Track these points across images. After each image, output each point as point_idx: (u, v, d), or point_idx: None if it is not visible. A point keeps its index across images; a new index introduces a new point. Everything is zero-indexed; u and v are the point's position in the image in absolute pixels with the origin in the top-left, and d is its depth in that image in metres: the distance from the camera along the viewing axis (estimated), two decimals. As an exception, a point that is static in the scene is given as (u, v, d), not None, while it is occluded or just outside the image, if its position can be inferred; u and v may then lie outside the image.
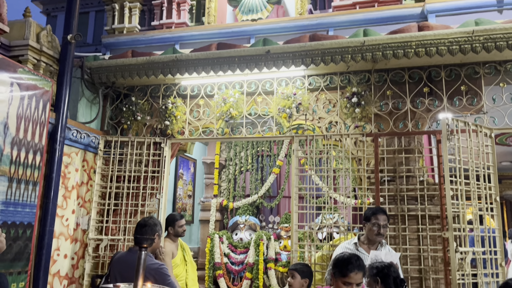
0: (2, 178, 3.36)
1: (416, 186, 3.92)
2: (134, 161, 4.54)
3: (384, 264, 2.73)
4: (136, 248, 2.92)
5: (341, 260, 2.51)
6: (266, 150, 7.29)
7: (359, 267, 2.46)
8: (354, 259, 2.48)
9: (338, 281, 2.49)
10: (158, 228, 3.05)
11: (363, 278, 2.51)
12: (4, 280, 2.63)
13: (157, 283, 2.74)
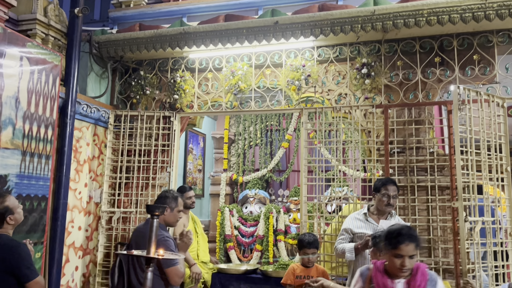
0: (15, 152, 3.41)
1: (426, 157, 3.91)
2: (144, 135, 4.57)
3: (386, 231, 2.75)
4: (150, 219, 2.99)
5: (391, 231, 2.35)
6: (275, 124, 7.29)
7: (410, 238, 2.27)
8: (405, 230, 2.31)
9: (389, 254, 2.33)
10: (169, 201, 3.03)
11: (416, 249, 2.30)
12: (26, 249, 2.71)
13: None
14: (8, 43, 3.34)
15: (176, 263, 2.80)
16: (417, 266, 2.31)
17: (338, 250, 3.42)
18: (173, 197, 3.07)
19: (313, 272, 3.43)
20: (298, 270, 3.45)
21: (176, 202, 3.07)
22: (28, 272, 2.60)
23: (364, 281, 2.40)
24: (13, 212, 2.74)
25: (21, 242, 2.75)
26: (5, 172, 3.32)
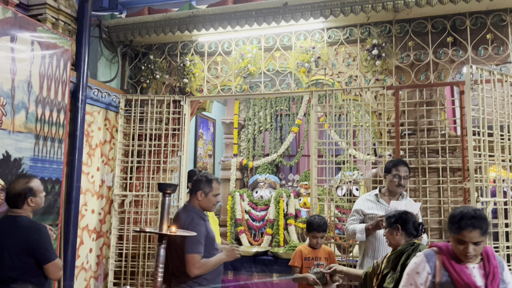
0: (29, 135, 3.46)
1: (437, 139, 3.88)
2: (155, 119, 4.60)
3: (400, 211, 2.76)
4: (187, 203, 3.01)
5: (454, 214, 2.14)
6: (285, 109, 7.27)
7: (474, 224, 2.04)
8: (469, 214, 2.07)
9: (452, 238, 2.14)
10: (203, 185, 2.93)
11: (482, 236, 2.06)
12: (46, 231, 2.76)
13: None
14: (19, 27, 3.36)
15: (197, 252, 2.74)
16: (486, 250, 2.14)
17: (349, 231, 3.42)
18: (207, 181, 2.97)
19: (320, 253, 3.45)
20: (306, 252, 3.46)
21: (210, 186, 2.96)
22: (47, 253, 2.66)
23: (433, 267, 2.13)
24: (35, 195, 2.78)
25: (41, 225, 2.81)
26: (20, 155, 3.37)
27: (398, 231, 2.67)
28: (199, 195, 2.95)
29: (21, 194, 2.72)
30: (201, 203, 2.97)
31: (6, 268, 2.59)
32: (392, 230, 2.72)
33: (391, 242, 2.73)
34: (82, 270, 4.13)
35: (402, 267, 2.55)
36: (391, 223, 2.74)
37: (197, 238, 2.77)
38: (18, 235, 2.62)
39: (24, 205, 2.72)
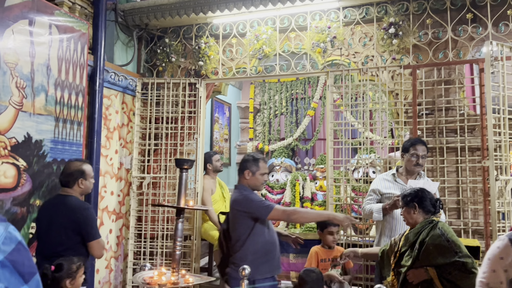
0: (49, 118, 3.53)
1: (456, 118, 3.82)
2: (171, 102, 4.63)
3: (415, 189, 2.72)
4: (237, 184, 3.04)
5: None
6: (301, 92, 7.25)
7: None
8: None
9: None
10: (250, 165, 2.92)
11: None
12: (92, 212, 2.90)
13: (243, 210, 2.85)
14: (37, 11, 3.41)
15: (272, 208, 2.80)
16: None
17: (365, 210, 3.41)
18: (254, 160, 2.97)
19: (336, 254, 3.33)
20: (321, 253, 3.33)
21: (257, 165, 2.96)
22: (92, 231, 2.80)
23: None
24: (86, 178, 2.94)
25: (88, 204, 3.00)
26: (41, 137, 3.45)
27: (415, 209, 2.64)
28: (246, 174, 2.96)
29: (73, 174, 2.90)
30: (249, 182, 2.97)
31: (52, 243, 2.74)
32: (409, 209, 2.68)
33: (408, 221, 2.70)
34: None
35: (420, 245, 2.54)
36: (407, 201, 2.70)
37: (257, 198, 2.85)
38: (66, 213, 2.77)
39: (74, 185, 2.89)
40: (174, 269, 1.96)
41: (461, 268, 2.38)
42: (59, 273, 2.44)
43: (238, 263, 2.81)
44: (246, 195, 2.90)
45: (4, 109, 3.13)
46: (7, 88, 3.15)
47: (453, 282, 2.42)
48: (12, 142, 3.20)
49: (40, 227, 2.88)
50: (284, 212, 2.89)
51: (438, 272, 2.42)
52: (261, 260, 2.87)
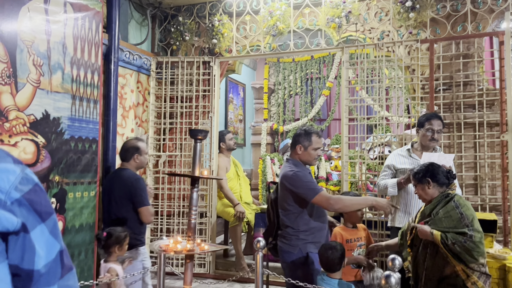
0: (66, 96, 3.58)
1: (474, 93, 3.75)
2: (185, 81, 4.65)
3: (425, 164, 2.68)
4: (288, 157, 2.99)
5: None
6: (316, 72, 7.18)
7: None
8: None
9: None
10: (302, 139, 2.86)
11: None
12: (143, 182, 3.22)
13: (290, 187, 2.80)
14: (52, -11, 3.43)
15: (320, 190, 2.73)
16: None
17: (380, 186, 3.40)
18: (306, 134, 2.88)
19: (360, 232, 3.12)
20: (346, 234, 3.04)
21: (309, 139, 2.87)
22: (141, 199, 3.10)
23: None
24: (141, 154, 3.26)
25: (139, 176, 3.27)
26: (58, 115, 3.50)
27: (429, 184, 2.60)
28: (298, 149, 2.88)
29: (129, 150, 3.27)
30: (301, 157, 2.89)
31: (112, 212, 3.16)
32: (422, 185, 2.63)
33: (424, 198, 2.65)
34: (120, 226, 4.32)
35: (433, 216, 2.52)
36: (420, 178, 2.64)
37: (307, 180, 2.76)
38: (122, 183, 3.14)
39: (130, 160, 3.26)
40: (189, 237, 1.99)
41: (467, 240, 2.34)
42: (109, 240, 2.86)
43: (289, 238, 2.81)
44: (296, 172, 2.79)
45: (22, 86, 3.18)
46: (25, 66, 3.19)
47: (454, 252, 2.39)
48: (31, 119, 3.25)
49: (103, 198, 3.33)
50: (328, 200, 2.75)
51: (442, 238, 2.39)
52: (311, 238, 2.81)
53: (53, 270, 0.68)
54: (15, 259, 0.65)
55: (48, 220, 0.69)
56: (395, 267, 2.21)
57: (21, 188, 0.67)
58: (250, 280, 4.18)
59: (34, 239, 0.66)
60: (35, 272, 0.66)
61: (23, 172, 0.69)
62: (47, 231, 0.69)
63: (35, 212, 0.68)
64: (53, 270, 0.68)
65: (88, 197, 3.78)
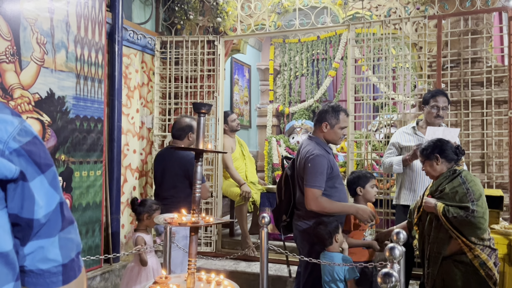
0: (70, 74, 3.58)
1: (482, 70, 3.69)
2: (190, 61, 4.62)
3: (433, 141, 2.65)
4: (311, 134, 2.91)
5: None
6: (322, 52, 7.11)
7: None
8: None
9: None
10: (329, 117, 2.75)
11: None
12: None
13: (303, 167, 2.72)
14: (54, -34, 3.40)
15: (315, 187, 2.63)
16: None
17: (385, 164, 3.38)
18: (334, 112, 2.76)
19: None
20: None
21: (337, 117, 2.75)
22: None
23: None
24: (194, 132, 3.32)
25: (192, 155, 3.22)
26: (63, 94, 3.51)
27: (437, 160, 2.57)
28: (324, 126, 2.75)
29: (184, 129, 3.31)
30: (326, 135, 2.77)
31: (166, 187, 3.24)
32: (431, 161, 2.59)
33: (432, 174, 2.61)
34: (127, 206, 4.35)
35: (440, 191, 2.51)
36: (428, 154, 2.61)
37: (318, 170, 2.63)
38: (177, 161, 3.20)
39: (185, 138, 3.32)
40: (194, 210, 1.99)
41: (469, 215, 2.31)
42: (141, 207, 3.13)
43: (309, 218, 2.74)
44: (316, 157, 2.66)
45: (26, 64, 3.18)
46: (28, 44, 3.19)
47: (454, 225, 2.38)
48: (35, 97, 3.26)
49: (156, 174, 3.40)
50: (312, 200, 2.64)
51: (444, 210, 2.38)
52: (332, 218, 2.71)
53: (53, 221, 0.68)
54: (14, 208, 0.64)
55: (47, 172, 0.69)
56: (400, 240, 2.21)
57: (20, 139, 0.67)
58: (256, 258, 4.22)
59: (33, 189, 0.66)
60: (35, 221, 0.66)
61: (21, 124, 0.69)
62: (47, 182, 0.68)
63: (34, 163, 0.67)
64: (53, 221, 0.68)
65: (94, 176, 3.81)
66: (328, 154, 2.77)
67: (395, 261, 1.95)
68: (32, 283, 0.67)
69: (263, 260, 2.86)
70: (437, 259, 2.45)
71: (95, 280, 3.73)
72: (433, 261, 2.48)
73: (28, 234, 0.66)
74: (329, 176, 2.72)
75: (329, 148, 2.85)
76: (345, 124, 2.81)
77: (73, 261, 0.71)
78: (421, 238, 2.63)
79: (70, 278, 0.70)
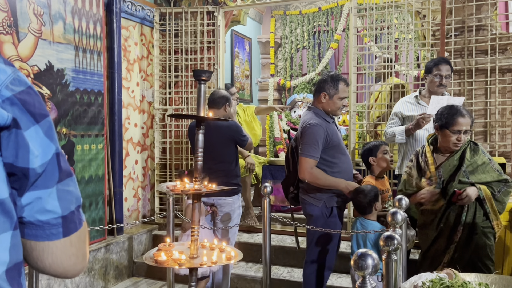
0: (68, 47, 3.53)
1: (487, 37, 3.62)
2: (190, 33, 4.55)
3: (446, 107, 2.61)
4: (310, 105, 2.89)
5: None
6: (323, 24, 6.99)
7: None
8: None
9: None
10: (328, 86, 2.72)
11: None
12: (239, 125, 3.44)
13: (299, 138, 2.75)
14: None
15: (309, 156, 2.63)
16: None
17: (388, 134, 3.36)
18: (333, 81, 2.70)
19: (387, 183, 3.06)
20: (378, 184, 2.87)
21: (336, 87, 2.69)
22: (243, 139, 3.29)
23: None
24: (230, 104, 3.35)
25: (233, 121, 3.45)
26: (62, 66, 3.48)
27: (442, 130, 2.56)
28: (323, 97, 2.71)
29: (222, 98, 3.32)
30: (325, 105, 2.73)
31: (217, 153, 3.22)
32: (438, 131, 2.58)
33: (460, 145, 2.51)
34: (130, 179, 4.37)
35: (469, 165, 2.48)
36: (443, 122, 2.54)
37: (312, 140, 2.61)
38: (223, 128, 3.20)
39: (221, 108, 3.32)
40: (196, 178, 2.00)
41: (506, 184, 2.40)
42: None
43: (312, 191, 2.75)
44: (312, 126, 2.65)
45: (24, 36, 3.14)
46: (25, 15, 3.14)
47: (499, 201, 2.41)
48: (34, 70, 3.23)
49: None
50: (306, 169, 2.63)
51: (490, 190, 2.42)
52: (335, 190, 2.73)
53: (50, 172, 0.67)
54: (9, 157, 0.63)
55: (42, 122, 0.67)
56: (402, 207, 2.22)
57: (13, 88, 0.65)
58: (258, 229, 4.25)
59: (28, 138, 0.64)
60: (30, 171, 0.65)
61: (15, 74, 0.67)
62: (42, 132, 0.67)
63: (28, 113, 0.66)
64: (50, 172, 0.67)
65: (96, 150, 3.81)
66: (328, 123, 2.73)
67: (397, 225, 1.97)
68: (32, 234, 0.67)
69: (266, 229, 2.88)
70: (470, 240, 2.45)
71: (99, 252, 3.78)
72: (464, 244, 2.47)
73: (24, 184, 0.65)
74: (327, 145, 2.70)
75: (330, 117, 2.81)
76: (345, 94, 2.76)
77: (73, 214, 0.70)
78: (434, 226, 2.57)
79: (71, 230, 0.69)
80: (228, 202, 3.25)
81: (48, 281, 3.29)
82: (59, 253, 0.68)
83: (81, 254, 0.71)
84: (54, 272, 0.69)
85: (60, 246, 0.68)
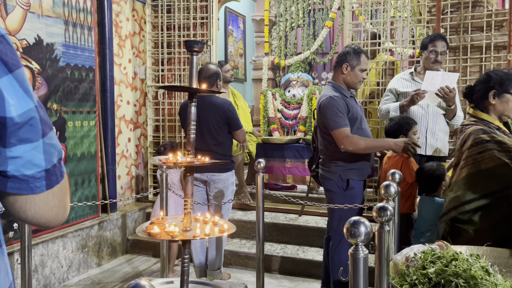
0: (58, 20, 3.46)
1: (482, 13, 3.59)
2: (182, 8, 4.47)
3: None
4: (330, 80, 2.85)
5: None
6: (318, 2, 6.90)
7: None
8: None
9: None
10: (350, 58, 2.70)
11: None
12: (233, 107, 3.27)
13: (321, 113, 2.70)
14: None
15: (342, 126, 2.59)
16: None
17: (382, 111, 3.35)
18: (355, 53, 2.68)
19: None
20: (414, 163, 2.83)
21: (358, 59, 2.68)
22: (237, 122, 3.22)
23: None
24: (221, 79, 3.27)
25: (229, 101, 3.29)
26: (52, 41, 3.40)
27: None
28: (344, 68, 2.69)
29: (212, 76, 3.21)
30: (346, 78, 2.71)
31: (210, 134, 3.15)
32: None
33: None
34: (123, 157, 4.35)
35: None
36: None
37: (335, 111, 2.58)
38: (217, 109, 3.13)
39: (214, 85, 3.21)
40: (189, 151, 1.98)
41: None
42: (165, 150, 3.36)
43: (328, 165, 2.75)
44: (330, 98, 2.62)
45: (12, 9, 3.06)
46: (12, -13, 3.05)
47: None
48: (23, 43, 3.16)
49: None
50: (344, 138, 2.56)
51: None
52: (352, 165, 2.70)
53: (33, 124, 0.65)
54: None
55: (16, 72, 0.64)
56: (395, 180, 2.23)
57: None
58: (252, 207, 4.27)
59: (1, 87, 0.62)
60: (8, 119, 0.62)
61: None
62: (16, 83, 0.64)
63: (1, 61, 0.63)
64: (33, 124, 0.65)
65: (88, 127, 3.77)
66: (345, 97, 2.71)
67: (390, 198, 1.97)
68: (16, 188, 0.65)
69: (259, 204, 2.88)
70: None
71: (93, 229, 3.78)
72: None
73: (3, 134, 0.63)
74: (348, 117, 2.67)
75: (348, 92, 2.78)
76: (366, 66, 2.76)
77: (55, 167, 0.69)
78: None
79: (53, 183, 0.68)
80: (222, 178, 3.24)
81: (41, 257, 3.29)
82: (42, 205, 0.68)
83: (63, 205, 0.71)
84: (36, 222, 0.69)
85: (42, 198, 0.67)
